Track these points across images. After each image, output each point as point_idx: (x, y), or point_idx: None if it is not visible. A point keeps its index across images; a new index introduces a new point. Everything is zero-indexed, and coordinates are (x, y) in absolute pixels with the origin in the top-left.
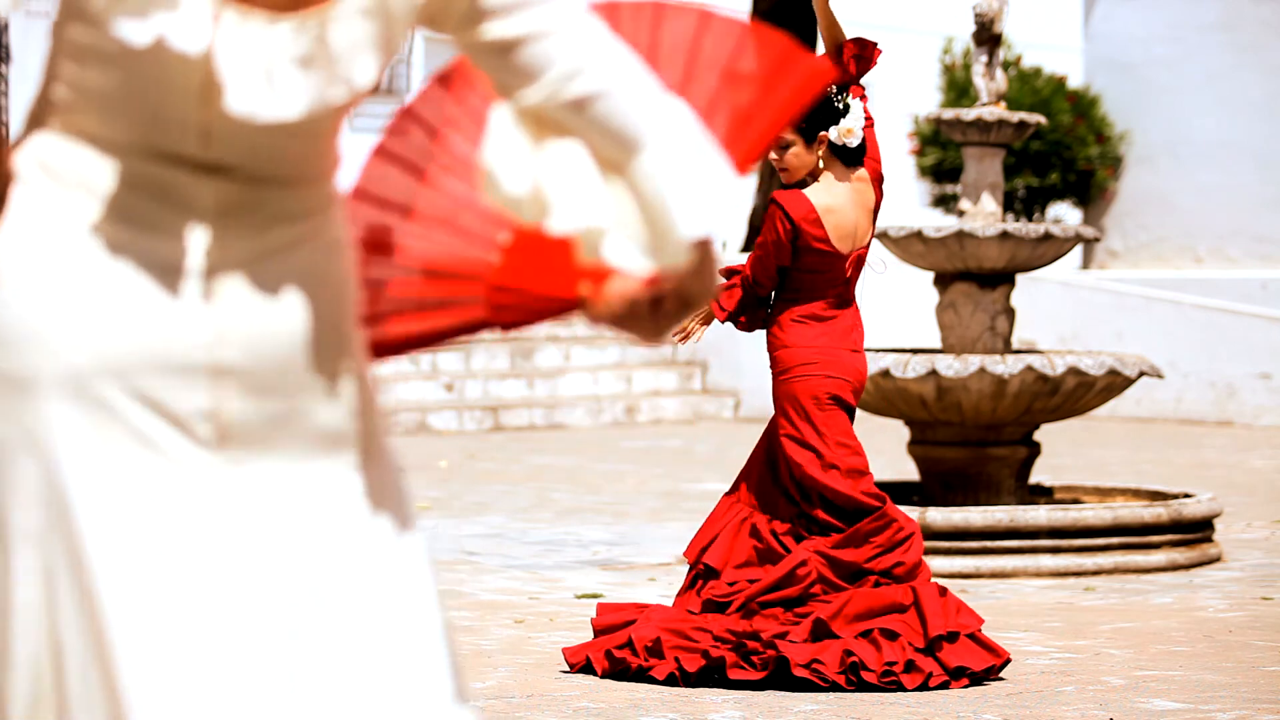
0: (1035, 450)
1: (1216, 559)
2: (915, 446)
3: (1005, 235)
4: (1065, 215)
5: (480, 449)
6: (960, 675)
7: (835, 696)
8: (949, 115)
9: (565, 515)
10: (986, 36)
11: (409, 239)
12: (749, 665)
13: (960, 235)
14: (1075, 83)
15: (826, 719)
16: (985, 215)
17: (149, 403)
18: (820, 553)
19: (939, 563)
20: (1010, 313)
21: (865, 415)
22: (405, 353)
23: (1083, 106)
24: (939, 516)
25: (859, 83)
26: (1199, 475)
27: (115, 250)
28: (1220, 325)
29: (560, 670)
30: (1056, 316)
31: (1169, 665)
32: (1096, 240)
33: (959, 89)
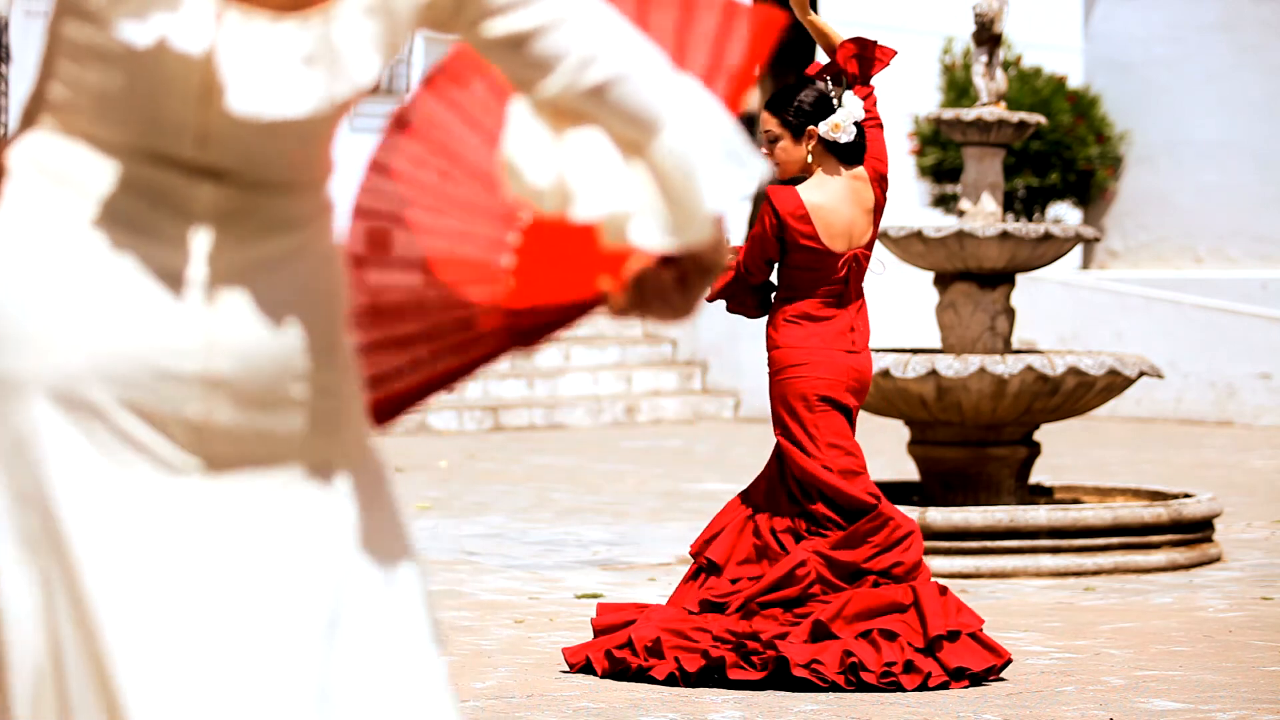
0: (1035, 450)
1: (1216, 559)
2: (915, 446)
3: (1005, 235)
4: (1065, 215)
5: (480, 449)
6: (960, 676)
7: (835, 696)
8: (949, 115)
9: (565, 515)
10: (986, 36)
11: (419, 244)
12: (749, 665)
13: (960, 235)
14: (1075, 83)
15: (826, 719)
16: (985, 215)
17: (139, 409)
18: (819, 553)
19: (939, 563)
20: (1010, 313)
21: (865, 415)
22: (433, 394)
23: (1083, 106)
24: (939, 516)
25: (865, 83)
26: (1199, 475)
27: (108, 252)
28: (1220, 325)
29: (560, 670)
30: (1056, 316)
31: (1169, 665)
32: (1096, 240)
33: (959, 89)
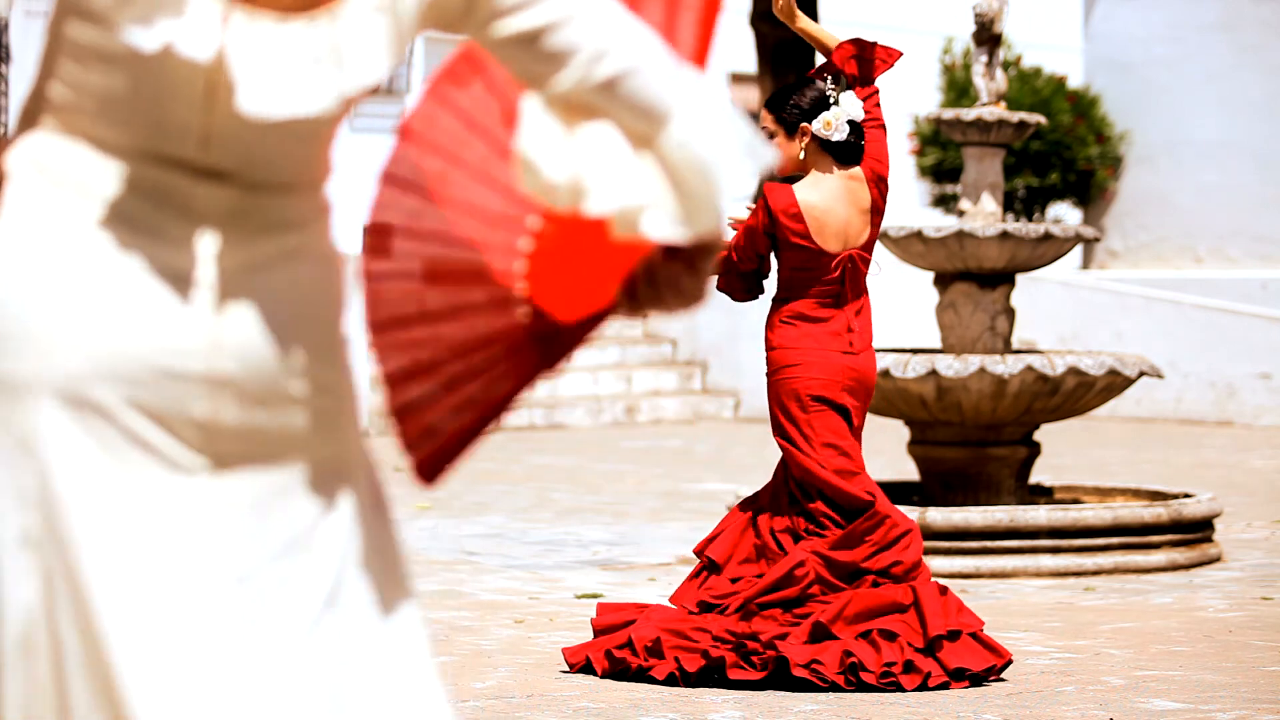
0: (1035, 450)
1: (1216, 559)
2: (915, 446)
3: (1005, 235)
4: (1065, 215)
5: (480, 449)
6: (960, 677)
7: (835, 696)
8: (949, 115)
9: (565, 515)
10: (986, 36)
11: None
12: (749, 665)
13: (960, 235)
14: (1075, 83)
15: (826, 719)
16: (985, 215)
17: (145, 409)
18: (817, 553)
19: (939, 563)
20: (1010, 313)
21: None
22: (473, 439)
23: (1083, 106)
24: (939, 516)
25: (867, 83)
26: (1199, 475)
27: (113, 253)
28: (1220, 325)
29: (560, 670)
30: (1056, 316)
31: (1169, 665)
32: (1096, 240)
33: (959, 89)
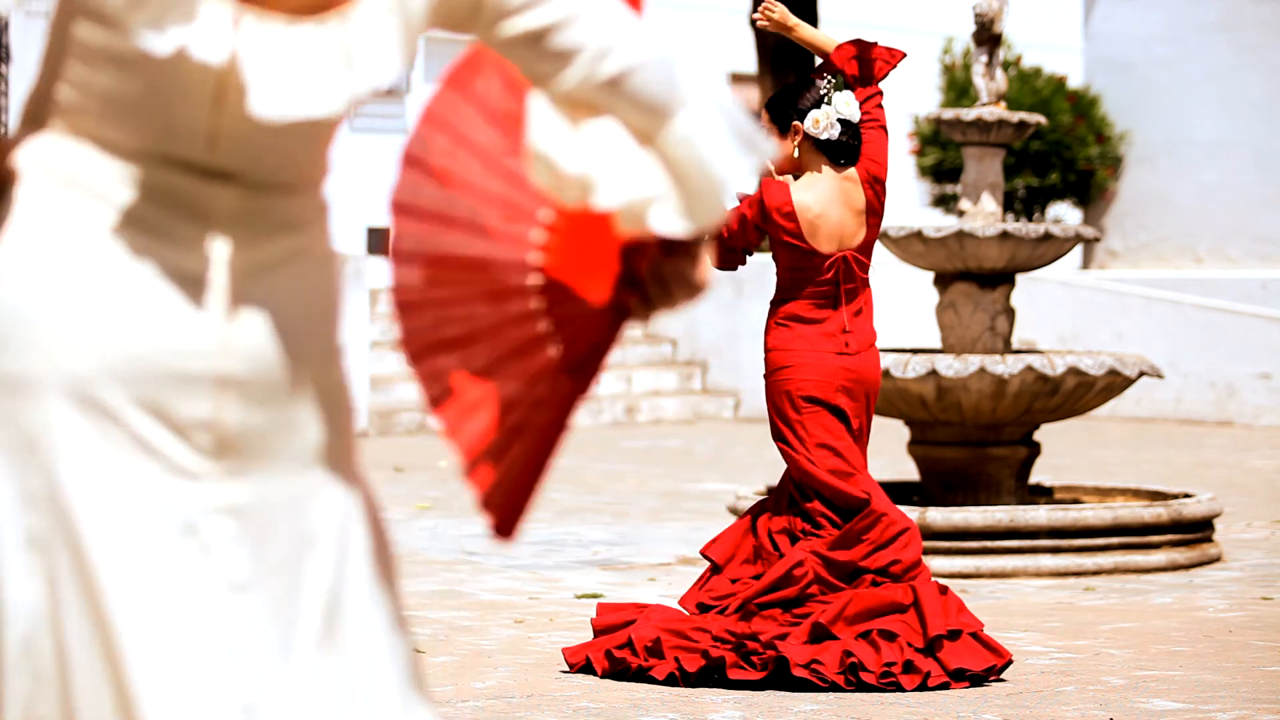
0: (1035, 450)
1: (1216, 559)
2: (915, 446)
3: (1005, 235)
4: (1065, 215)
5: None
6: (960, 677)
7: (835, 696)
8: (949, 115)
9: (565, 515)
10: (986, 36)
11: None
12: (749, 665)
13: (960, 235)
14: (1075, 83)
15: (826, 719)
16: (985, 215)
17: (152, 409)
18: (816, 553)
19: (939, 563)
20: (1010, 313)
21: None
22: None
23: (1083, 106)
24: (939, 516)
25: (868, 84)
26: (1199, 475)
27: (122, 255)
28: (1220, 325)
29: (560, 670)
30: (1056, 316)
31: (1169, 665)
32: (1096, 240)
33: (959, 89)
